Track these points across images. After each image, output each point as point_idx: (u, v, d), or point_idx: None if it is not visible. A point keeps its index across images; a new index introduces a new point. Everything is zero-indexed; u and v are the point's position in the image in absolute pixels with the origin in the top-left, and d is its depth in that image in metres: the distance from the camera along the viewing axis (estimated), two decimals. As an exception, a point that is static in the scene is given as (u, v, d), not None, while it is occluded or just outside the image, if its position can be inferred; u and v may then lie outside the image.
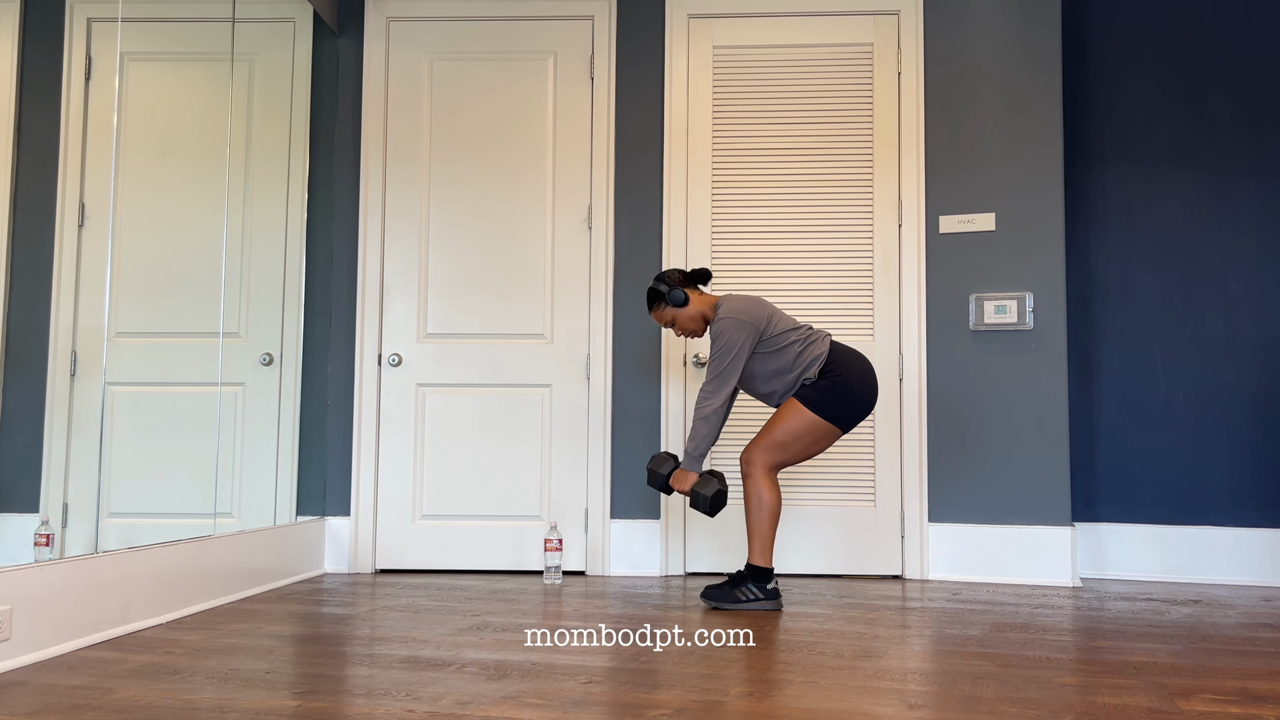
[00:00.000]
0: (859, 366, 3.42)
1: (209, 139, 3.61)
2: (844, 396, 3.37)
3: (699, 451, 3.44)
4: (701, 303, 3.52)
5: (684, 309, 3.50)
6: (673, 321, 3.54)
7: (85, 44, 3.02)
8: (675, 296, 3.48)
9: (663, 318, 3.54)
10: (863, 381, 3.40)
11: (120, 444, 3.12)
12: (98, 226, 3.03)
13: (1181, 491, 4.24)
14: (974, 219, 4.21)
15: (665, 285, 3.51)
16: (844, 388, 3.37)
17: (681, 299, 3.48)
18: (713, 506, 3.44)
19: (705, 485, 3.44)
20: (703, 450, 3.45)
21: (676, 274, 3.54)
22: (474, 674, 2.47)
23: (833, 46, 4.33)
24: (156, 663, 2.59)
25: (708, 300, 3.53)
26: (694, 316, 3.52)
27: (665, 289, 3.50)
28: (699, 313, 3.52)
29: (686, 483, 3.47)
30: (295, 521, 4.10)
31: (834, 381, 3.37)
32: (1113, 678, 2.48)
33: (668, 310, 3.52)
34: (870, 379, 3.43)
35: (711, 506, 3.44)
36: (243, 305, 3.79)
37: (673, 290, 3.48)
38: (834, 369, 3.39)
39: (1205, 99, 4.32)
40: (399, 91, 4.43)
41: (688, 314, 3.51)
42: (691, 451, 3.44)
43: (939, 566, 4.14)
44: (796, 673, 2.50)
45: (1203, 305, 4.27)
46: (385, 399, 4.34)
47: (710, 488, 3.43)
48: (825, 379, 3.38)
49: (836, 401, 3.37)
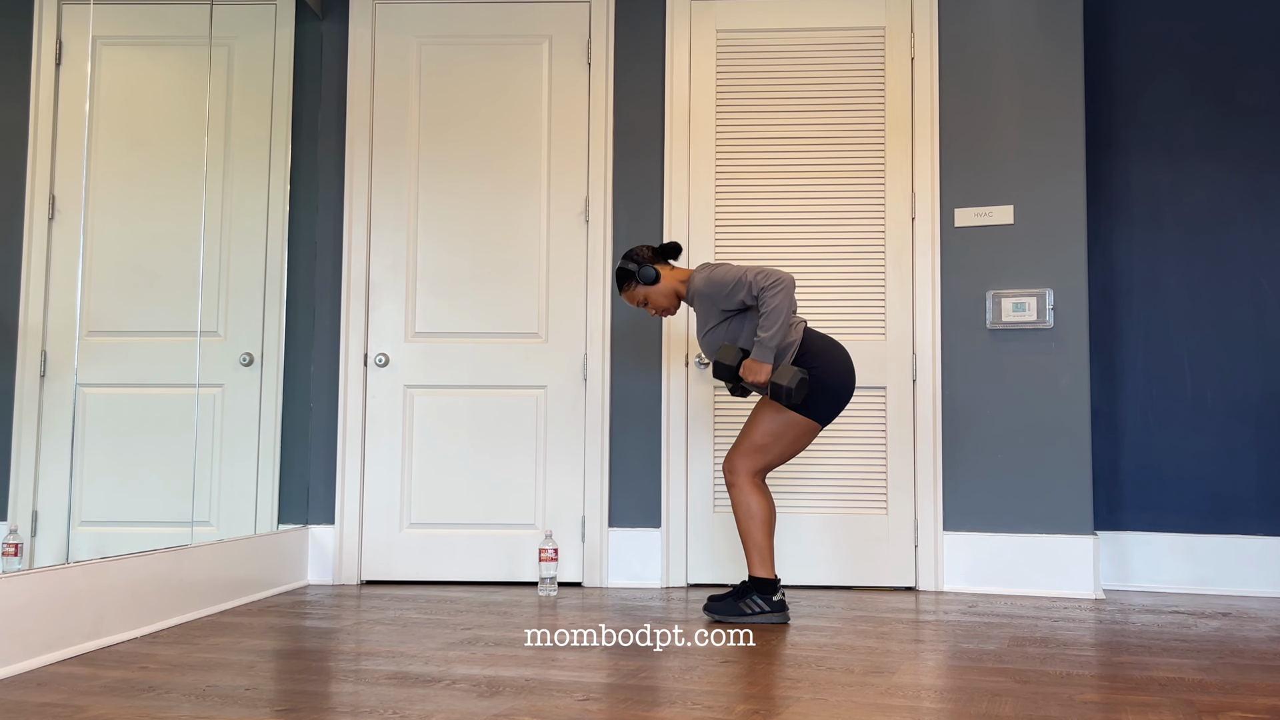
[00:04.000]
0: (835, 357, 3.39)
1: (186, 127, 3.61)
2: (821, 390, 3.35)
3: (774, 341, 3.26)
4: (672, 277, 3.51)
5: (656, 285, 3.49)
6: (645, 301, 3.52)
7: (56, 27, 3.02)
8: (646, 274, 3.46)
9: (634, 298, 3.53)
10: (839, 373, 3.37)
11: (93, 448, 3.12)
12: (69, 220, 3.03)
13: (1210, 498, 4.25)
14: (991, 212, 4.21)
15: (634, 263, 3.50)
16: (819, 380, 3.35)
17: (653, 275, 3.47)
18: (798, 395, 3.25)
19: (785, 375, 3.25)
20: (778, 341, 3.26)
21: (646, 250, 3.53)
22: (465, 691, 2.47)
23: (842, 30, 4.33)
24: (131, 679, 2.59)
25: (679, 274, 3.51)
26: (666, 293, 3.51)
27: (635, 267, 3.49)
28: (671, 289, 3.50)
29: (761, 373, 3.29)
30: (277, 530, 4.10)
31: (809, 374, 3.35)
32: (1137, 694, 2.48)
33: (639, 289, 3.50)
34: (848, 369, 3.40)
35: (796, 395, 3.25)
36: (221, 302, 3.79)
37: (643, 267, 3.47)
38: (807, 360, 3.36)
39: (1234, 87, 4.32)
40: (386, 77, 4.44)
41: (660, 291, 3.50)
42: (766, 341, 3.26)
43: (954, 577, 4.14)
44: (804, 689, 2.50)
45: (1232, 302, 4.27)
46: (371, 401, 4.34)
47: (791, 377, 3.24)
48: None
49: (813, 395, 3.35)
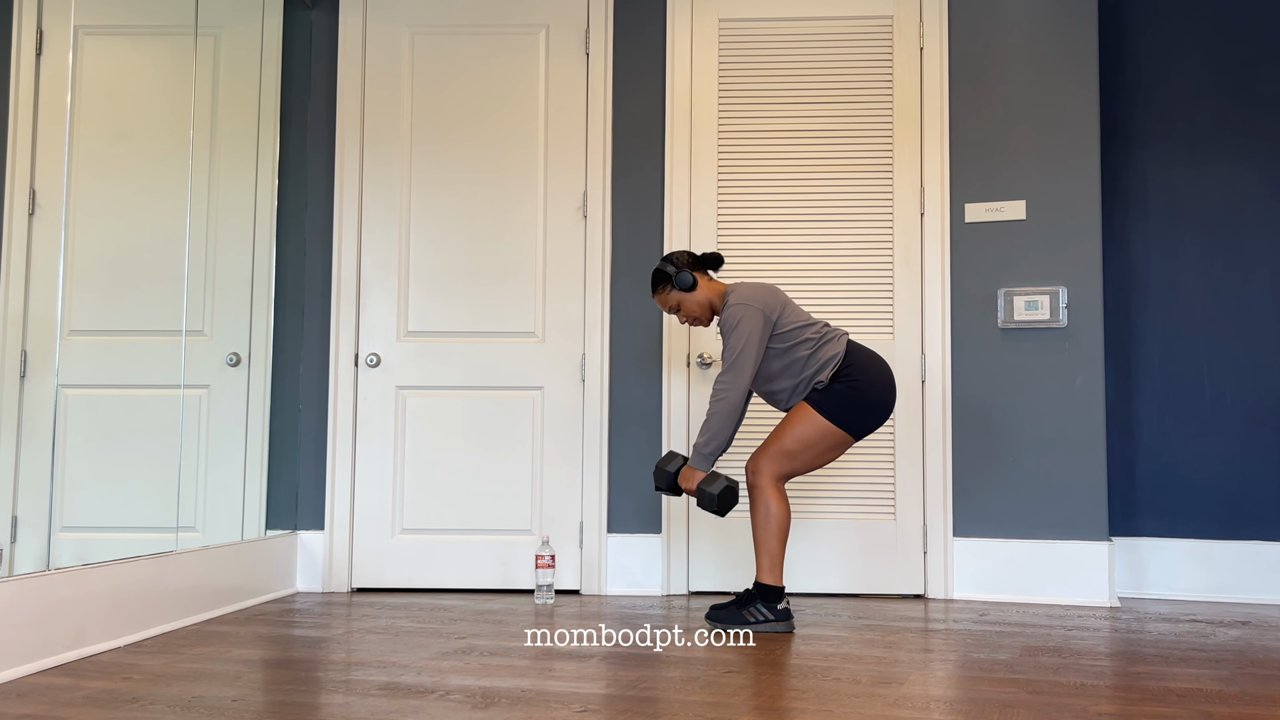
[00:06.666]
0: (877, 370, 3.43)
1: (171, 120, 3.61)
2: (859, 403, 3.38)
3: (709, 449, 3.44)
4: (710, 289, 3.54)
5: (691, 294, 3.53)
6: (678, 307, 3.56)
7: (36, 16, 3.02)
8: (683, 279, 3.50)
9: (667, 302, 3.56)
10: (880, 387, 3.41)
11: (74, 451, 3.12)
12: (50, 215, 3.03)
13: (1229, 503, 4.25)
14: (1003, 207, 4.21)
15: (673, 267, 3.53)
16: (860, 393, 3.38)
17: (689, 282, 3.50)
18: (721, 504, 3.43)
19: (712, 482, 3.43)
20: (714, 448, 3.43)
21: (685, 255, 3.56)
22: (459, 702, 2.47)
23: (849, 19, 4.33)
24: (114, 689, 2.59)
25: (716, 288, 3.55)
26: (701, 303, 3.54)
27: (673, 270, 3.53)
28: (706, 299, 3.54)
29: (693, 480, 3.47)
30: (265, 536, 4.10)
31: (850, 386, 3.38)
32: (1154, 706, 2.48)
33: (673, 294, 3.54)
34: (889, 384, 3.44)
35: (720, 504, 3.43)
36: (207, 301, 3.79)
37: (680, 272, 3.51)
38: (850, 373, 3.40)
39: (1254, 77, 4.32)
40: (377, 68, 4.44)
41: (695, 300, 3.53)
42: (700, 448, 3.44)
43: (965, 585, 4.14)
44: (809, 700, 2.51)
45: (1252, 299, 4.27)
46: (363, 403, 4.34)
47: (717, 484, 3.42)
48: (840, 383, 3.39)
49: (851, 408, 3.38)
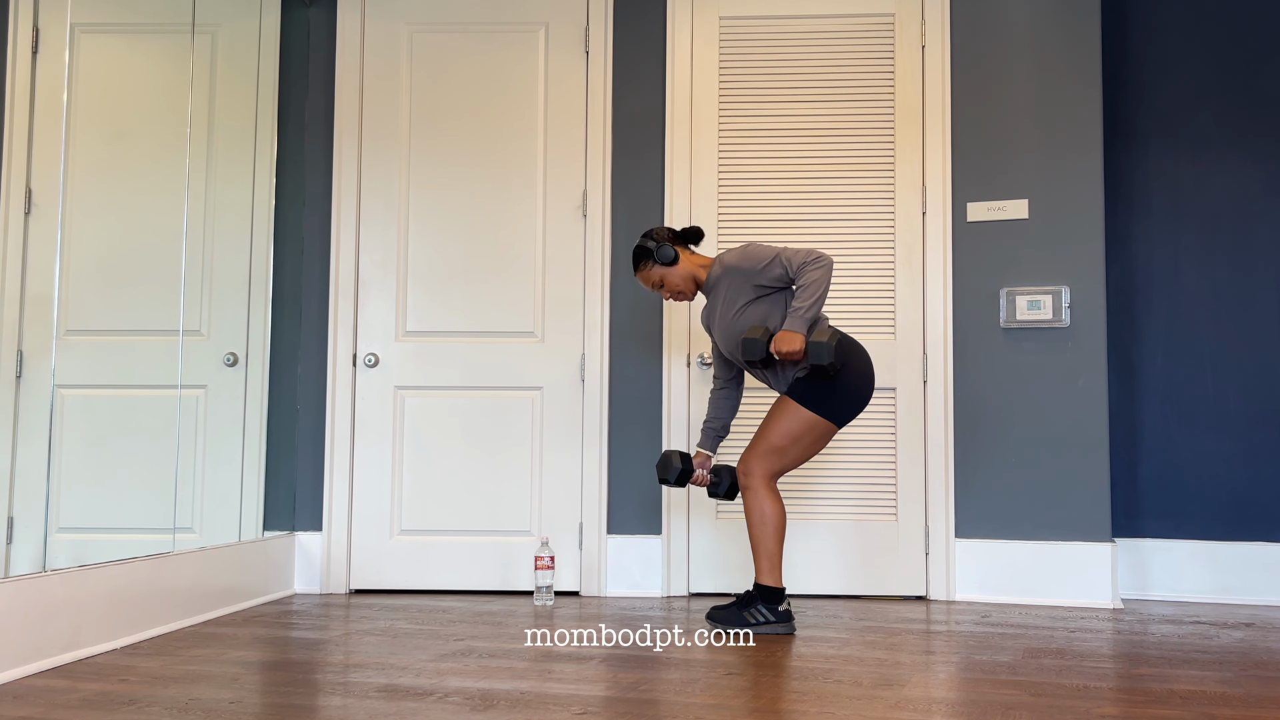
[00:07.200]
0: (858, 357, 3.44)
1: (168, 118, 3.61)
2: (841, 391, 3.39)
3: (811, 313, 3.30)
4: (691, 262, 3.57)
5: (673, 268, 3.55)
6: (661, 283, 3.57)
7: (32, 14, 3.02)
8: (664, 253, 3.52)
9: (650, 278, 3.58)
10: (860, 373, 3.42)
11: (70, 452, 3.12)
12: (46, 214, 3.03)
13: (1233, 504, 4.25)
14: (1005, 206, 4.21)
15: (653, 242, 3.56)
16: (841, 381, 3.39)
17: (671, 256, 3.52)
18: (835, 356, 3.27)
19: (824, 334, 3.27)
20: (814, 313, 3.31)
21: (665, 231, 3.59)
22: (457, 704, 2.47)
23: (850, 16, 4.33)
24: (110, 691, 2.59)
25: (698, 260, 3.57)
26: (684, 276, 3.56)
27: (653, 245, 3.55)
28: (689, 272, 3.56)
29: (797, 341, 3.30)
30: (262, 537, 4.10)
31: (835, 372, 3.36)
32: (1157, 708, 2.48)
33: (655, 270, 3.56)
34: (869, 371, 3.45)
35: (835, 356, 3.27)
36: (205, 300, 3.79)
37: (661, 246, 3.53)
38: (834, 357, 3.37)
39: (1257, 75, 4.32)
40: (376, 66, 4.44)
41: (677, 273, 3.55)
42: (803, 311, 3.30)
43: (966, 586, 4.14)
44: (810, 703, 2.51)
45: (1255, 298, 4.27)
46: (360, 403, 4.34)
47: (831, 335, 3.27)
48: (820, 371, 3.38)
49: (833, 397, 3.38)
